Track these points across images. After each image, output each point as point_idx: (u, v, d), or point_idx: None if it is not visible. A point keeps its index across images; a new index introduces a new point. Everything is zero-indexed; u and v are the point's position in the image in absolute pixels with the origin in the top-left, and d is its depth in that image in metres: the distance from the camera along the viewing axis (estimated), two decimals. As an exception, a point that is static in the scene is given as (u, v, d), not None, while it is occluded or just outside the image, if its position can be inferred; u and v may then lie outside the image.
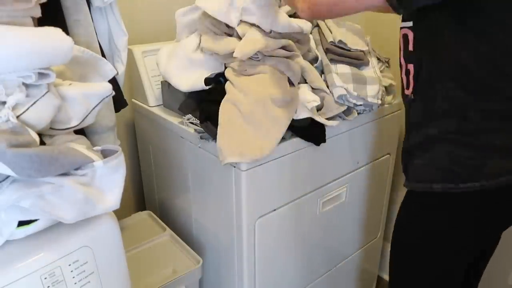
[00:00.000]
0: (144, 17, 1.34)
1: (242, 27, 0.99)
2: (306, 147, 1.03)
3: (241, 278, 1.07)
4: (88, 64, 0.73)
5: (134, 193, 1.50)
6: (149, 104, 1.21)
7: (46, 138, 0.66)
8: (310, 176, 1.09)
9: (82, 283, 0.65)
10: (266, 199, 1.01)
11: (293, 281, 1.21)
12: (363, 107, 1.10)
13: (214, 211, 1.09)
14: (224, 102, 0.94)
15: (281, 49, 1.00)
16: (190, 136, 1.05)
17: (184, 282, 1.12)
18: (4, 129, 0.54)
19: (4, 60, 0.54)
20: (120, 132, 1.35)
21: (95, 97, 0.70)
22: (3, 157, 0.51)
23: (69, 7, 0.84)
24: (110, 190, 0.65)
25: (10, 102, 0.56)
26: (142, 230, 1.28)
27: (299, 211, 1.10)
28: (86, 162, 0.61)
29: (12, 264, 0.58)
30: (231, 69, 1.00)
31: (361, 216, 1.35)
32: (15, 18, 0.59)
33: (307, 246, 1.20)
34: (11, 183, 0.56)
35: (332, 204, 1.19)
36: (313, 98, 1.01)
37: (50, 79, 0.61)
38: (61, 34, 0.59)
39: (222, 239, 1.10)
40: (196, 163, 1.09)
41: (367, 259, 1.49)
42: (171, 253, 1.20)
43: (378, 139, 1.26)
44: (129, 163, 1.42)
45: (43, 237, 0.62)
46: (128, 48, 1.05)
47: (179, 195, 1.24)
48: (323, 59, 1.11)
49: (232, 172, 0.94)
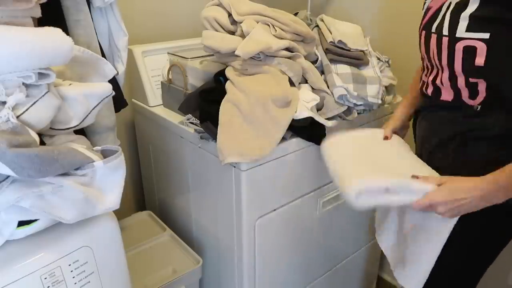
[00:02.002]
0: (144, 17, 1.34)
1: (247, 23, 0.99)
2: (306, 147, 1.03)
3: (241, 278, 1.07)
4: (88, 64, 0.73)
5: (134, 193, 1.50)
6: (149, 104, 1.21)
7: (46, 138, 0.66)
8: (310, 176, 1.09)
9: (82, 283, 0.65)
10: (266, 199, 1.01)
11: (293, 281, 1.21)
12: (363, 107, 1.11)
13: (214, 211, 1.09)
14: (225, 102, 0.94)
15: (284, 50, 1.00)
16: (190, 136, 1.05)
17: (184, 282, 1.12)
18: (4, 129, 0.54)
19: (4, 60, 0.54)
20: (120, 132, 1.35)
21: (95, 97, 0.70)
22: (4, 157, 0.51)
23: (69, 7, 0.84)
24: (110, 190, 0.65)
25: (10, 102, 0.56)
26: (142, 230, 1.28)
27: (299, 211, 1.10)
28: (86, 162, 0.61)
29: (12, 264, 0.58)
30: (232, 68, 1.00)
31: (361, 216, 1.35)
32: (15, 18, 0.59)
33: (307, 246, 1.20)
34: (11, 183, 0.56)
35: (332, 204, 1.19)
36: (312, 97, 1.01)
37: (50, 79, 0.61)
38: (61, 34, 0.59)
39: (222, 239, 1.10)
40: (196, 163, 1.09)
41: (367, 259, 1.49)
42: (171, 253, 1.20)
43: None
44: (129, 163, 1.42)
45: (43, 237, 0.62)
46: (128, 48, 1.05)
47: (179, 195, 1.24)
48: (323, 59, 1.11)
49: (232, 172, 0.94)
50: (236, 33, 1.02)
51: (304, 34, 1.03)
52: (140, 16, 1.33)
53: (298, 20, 1.05)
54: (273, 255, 1.10)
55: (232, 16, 1.01)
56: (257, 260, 1.05)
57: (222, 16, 1.01)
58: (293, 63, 1.01)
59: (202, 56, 1.12)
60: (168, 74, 1.16)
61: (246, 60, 0.97)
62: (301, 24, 1.04)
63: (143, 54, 1.22)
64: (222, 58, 1.03)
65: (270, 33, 0.99)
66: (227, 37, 1.00)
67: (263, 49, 0.95)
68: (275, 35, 1.00)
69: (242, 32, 0.99)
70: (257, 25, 0.99)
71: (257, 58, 0.99)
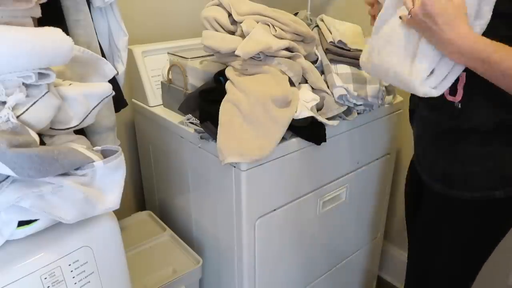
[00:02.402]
0: (144, 17, 1.34)
1: (247, 23, 0.99)
2: (306, 147, 1.03)
3: (241, 278, 1.07)
4: (88, 64, 0.73)
5: (134, 193, 1.50)
6: (149, 104, 1.21)
7: (46, 138, 0.66)
8: (310, 176, 1.09)
9: (82, 283, 0.65)
10: (266, 199, 1.01)
11: (293, 281, 1.21)
12: (363, 107, 1.11)
13: (214, 211, 1.09)
14: (225, 102, 0.94)
15: (284, 50, 1.00)
16: (190, 136, 1.05)
17: (184, 282, 1.12)
18: (4, 129, 0.54)
19: (4, 60, 0.54)
20: (120, 132, 1.35)
21: (95, 97, 0.70)
22: (4, 157, 0.51)
23: (69, 7, 0.84)
24: (110, 190, 0.65)
25: (10, 102, 0.56)
26: (142, 230, 1.28)
27: (299, 211, 1.10)
28: (86, 162, 0.61)
29: (12, 264, 0.58)
30: (232, 68, 1.00)
31: (361, 216, 1.35)
32: (15, 18, 0.59)
33: (307, 246, 1.20)
34: (11, 183, 0.56)
35: (332, 204, 1.19)
36: (313, 97, 1.01)
37: (50, 79, 0.61)
38: (61, 34, 0.59)
39: (222, 239, 1.10)
40: (196, 163, 1.09)
41: (367, 259, 1.49)
42: (171, 253, 1.20)
43: (378, 139, 1.26)
44: (129, 163, 1.42)
45: (43, 237, 0.62)
46: (128, 48, 1.05)
47: (179, 195, 1.24)
48: (323, 59, 1.11)
49: (232, 172, 0.94)
50: (236, 33, 1.02)
51: (304, 34, 1.03)
52: (140, 16, 1.33)
53: (298, 20, 1.05)
54: (273, 255, 1.10)
55: (232, 16, 1.01)
56: (257, 260, 1.05)
57: (222, 16, 1.01)
58: (293, 63, 1.01)
59: (202, 56, 1.12)
60: (168, 74, 1.16)
61: (246, 60, 0.97)
62: (301, 24, 1.04)
63: (143, 54, 1.22)
64: (222, 58, 1.03)
65: (270, 33, 0.99)
66: (227, 37, 1.00)
67: (263, 49, 0.95)
68: (275, 35, 1.00)
69: (242, 32, 0.99)
70: (257, 25, 0.99)
71: (257, 58, 0.99)
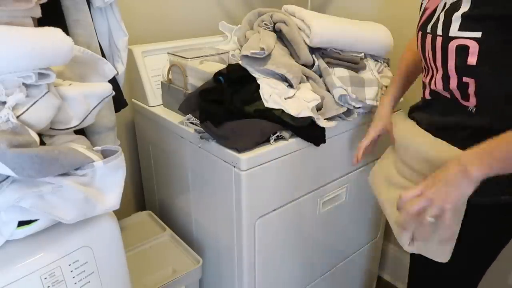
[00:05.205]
0: (144, 17, 1.34)
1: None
2: (306, 147, 1.03)
3: (241, 278, 1.07)
4: (88, 64, 0.73)
5: (134, 193, 1.50)
6: (149, 104, 1.21)
7: (46, 138, 0.66)
8: (310, 176, 1.09)
9: (82, 283, 0.65)
10: (266, 199, 1.01)
11: (293, 281, 1.21)
12: (362, 110, 1.11)
13: (214, 211, 1.09)
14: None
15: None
16: (190, 136, 1.05)
17: (184, 282, 1.12)
18: (4, 129, 0.54)
19: (4, 60, 0.54)
20: (120, 132, 1.35)
21: (95, 97, 0.70)
22: (4, 157, 0.51)
23: (69, 7, 0.84)
24: (110, 190, 0.65)
25: (10, 102, 0.56)
26: (142, 230, 1.28)
27: (299, 211, 1.10)
28: (86, 162, 0.61)
29: (12, 264, 0.58)
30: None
31: (361, 216, 1.35)
32: (15, 18, 0.59)
33: (307, 246, 1.20)
34: (11, 183, 0.56)
35: (332, 204, 1.19)
36: (313, 97, 1.01)
37: (50, 79, 0.61)
38: (61, 34, 0.59)
39: (222, 239, 1.10)
40: (196, 163, 1.09)
41: (367, 259, 1.49)
42: (171, 253, 1.20)
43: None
44: (129, 163, 1.42)
45: (43, 237, 0.62)
46: (128, 48, 1.05)
47: (179, 195, 1.24)
48: (320, 63, 1.11)
49: (232, 172, 0.94)
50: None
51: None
52: (140, 16, 1.33)
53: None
54: (273, 255, 1.10)
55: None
56: (257, 260, 1.05)
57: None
58: (292, 64, 1.01)
59: (202, 56, 1.12)
60: (168, 74, 1.16)
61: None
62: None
63: (143, 54, 1.22)
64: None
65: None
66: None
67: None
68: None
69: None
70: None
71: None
